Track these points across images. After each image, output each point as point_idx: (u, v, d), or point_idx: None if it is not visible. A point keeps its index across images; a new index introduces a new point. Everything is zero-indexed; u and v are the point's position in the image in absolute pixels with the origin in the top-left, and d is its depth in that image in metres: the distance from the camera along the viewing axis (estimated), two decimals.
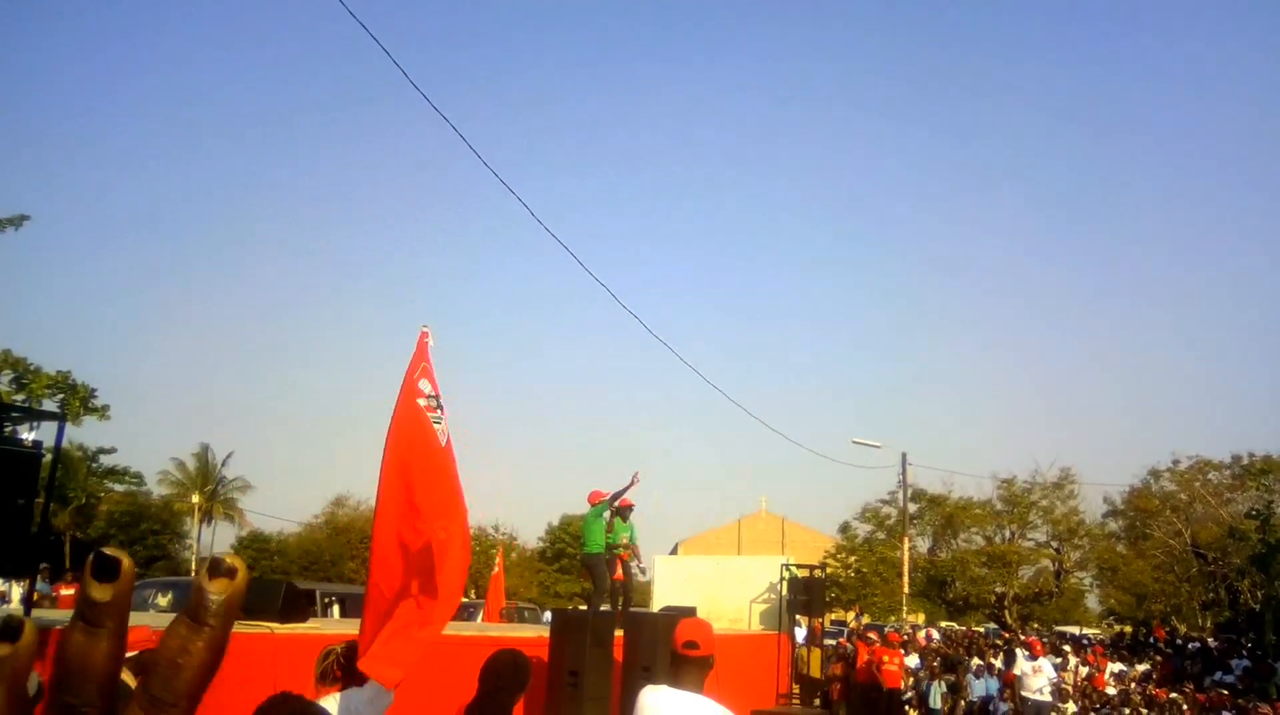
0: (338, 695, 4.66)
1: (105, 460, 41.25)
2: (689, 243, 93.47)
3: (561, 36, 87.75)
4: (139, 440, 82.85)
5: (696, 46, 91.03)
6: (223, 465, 49.19)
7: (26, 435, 5.77)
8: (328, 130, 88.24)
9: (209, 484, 48.25)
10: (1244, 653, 26.56)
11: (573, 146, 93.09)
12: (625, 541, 12.46)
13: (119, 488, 44.45)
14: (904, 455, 31.99)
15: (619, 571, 12.78)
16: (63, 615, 7.62)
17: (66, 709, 0.40)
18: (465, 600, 29.08)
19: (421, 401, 6.27)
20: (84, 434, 37.27)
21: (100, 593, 0.41)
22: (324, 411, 77.04)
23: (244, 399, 79.60)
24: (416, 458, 6.07)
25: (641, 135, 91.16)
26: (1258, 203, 68.56)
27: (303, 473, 77.11)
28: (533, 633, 12.05)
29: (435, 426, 6.20)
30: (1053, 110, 79.50)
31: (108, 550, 0.42)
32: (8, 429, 5.87)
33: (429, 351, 6.52)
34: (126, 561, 0.41)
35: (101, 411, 19.94)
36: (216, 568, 0.42)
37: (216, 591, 0.42)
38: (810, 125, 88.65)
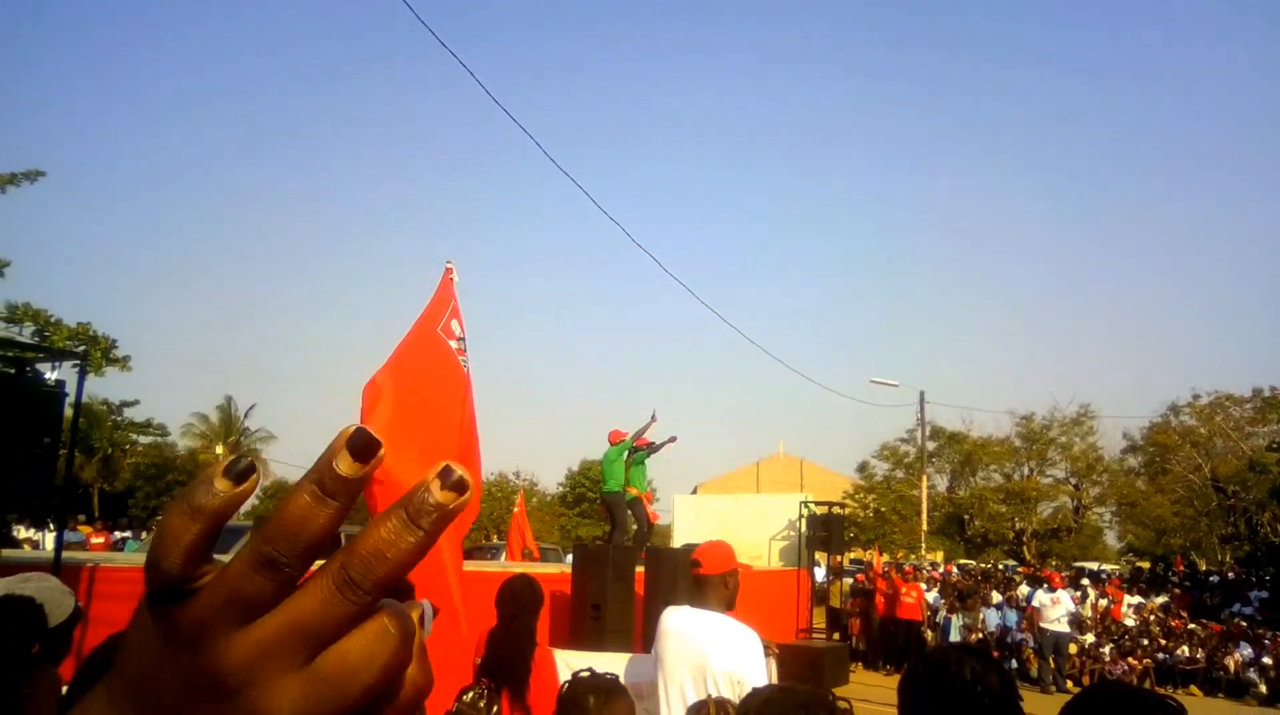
0: None
1: (129, 413, 41.69)
2: (706, 185, 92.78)
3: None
4: (162, 393, 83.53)
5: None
6: (245, 416, 49.77)
7: (50, 374, 5.81)
8: (357, 78, 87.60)
9: (232, 435, 48.79)
10: (1263, 585, 26.66)
11: (586, 82, 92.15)
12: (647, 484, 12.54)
13: (144, 440, 44.96)
14: (922, 393, 31.95)
15: (652, 514, 12.92)
16: (95, 556, 7.76)
17: (266, 559, 0.41)
18: (487, 543, 29.47)
19: (454, 343, 6.26)
20: (107, 387, 37.53)
21: (348, 468, 0.41)
22: (345, 360, 77.40)
23: (265, 350, 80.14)
24: (445, 398, 6.07)
25: (653, 70, 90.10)
26: (1274, 133, 67.20)
27: (325, 422, 77.78)
28: (555, 569, 12.21)
29: (465, 369, 6.20)
30: (1064, 42, 77.93)
31: (369, 431, 0.41)
32: (28, 371, 5.91)
33: (455, 288, 6.46)
34: (383, 450, 0.41)
35: (123, 362, 20.14)
36: (448, 477, 0.42)
37: (444, 499, 0.42)
38: (835, 64, 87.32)
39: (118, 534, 27.07)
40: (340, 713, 0.42)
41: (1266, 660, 16.31)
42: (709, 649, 3.59)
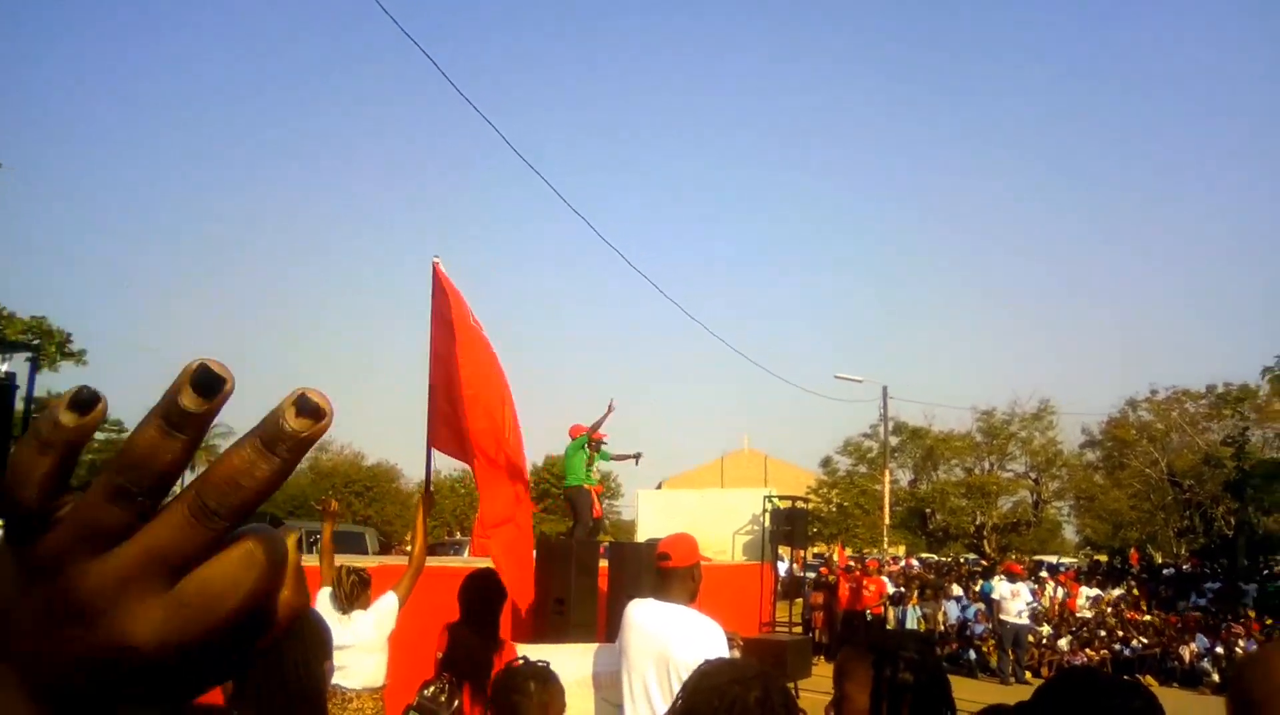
0: (357, 612, 4.91)
1: None
2: (672, 181, 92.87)
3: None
4: (119, 388, 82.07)
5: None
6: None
7: (0, 366, 5.68)
8: (324, 72, 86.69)
9: None
10: (1217, 576, 27.17)
11: (555, 82, 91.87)
12: (598, 477, 12.35)
13: (99, 436, 44.08)
14: (885, 388, 32.22)
15: (597, 508, 12.65)
16: None
17: (118, 489, 0.41)
18: (449, 539, 29.29)
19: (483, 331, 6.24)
20: (61, 381, 36.88)
21: (192, 403, 0.40)
22: (305, 354, 76.59)
23: (225, 346, 79.09)
24: (497, 385, 6.10)
25: (618, 72, 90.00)
26: (1232, 133, 68.46)
27: None
28: None
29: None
30: (1032, 43, 78.90)
31: (215, 366, 0.41)
32: None
33: (450, 280, 6.37)
34: (230, 385, 0.41)
35: (78, 357, 19.84)
36: (305, 405, 0.42)
37: (298, 427, 0.41)
38: (793, 65, 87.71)
39: None
40: (208, 636, 0.43)
41: (1219, 650, 16.61)
42: (672, 640, 3.58)
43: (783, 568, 17.99)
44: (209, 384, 0.41)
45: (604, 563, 10.29)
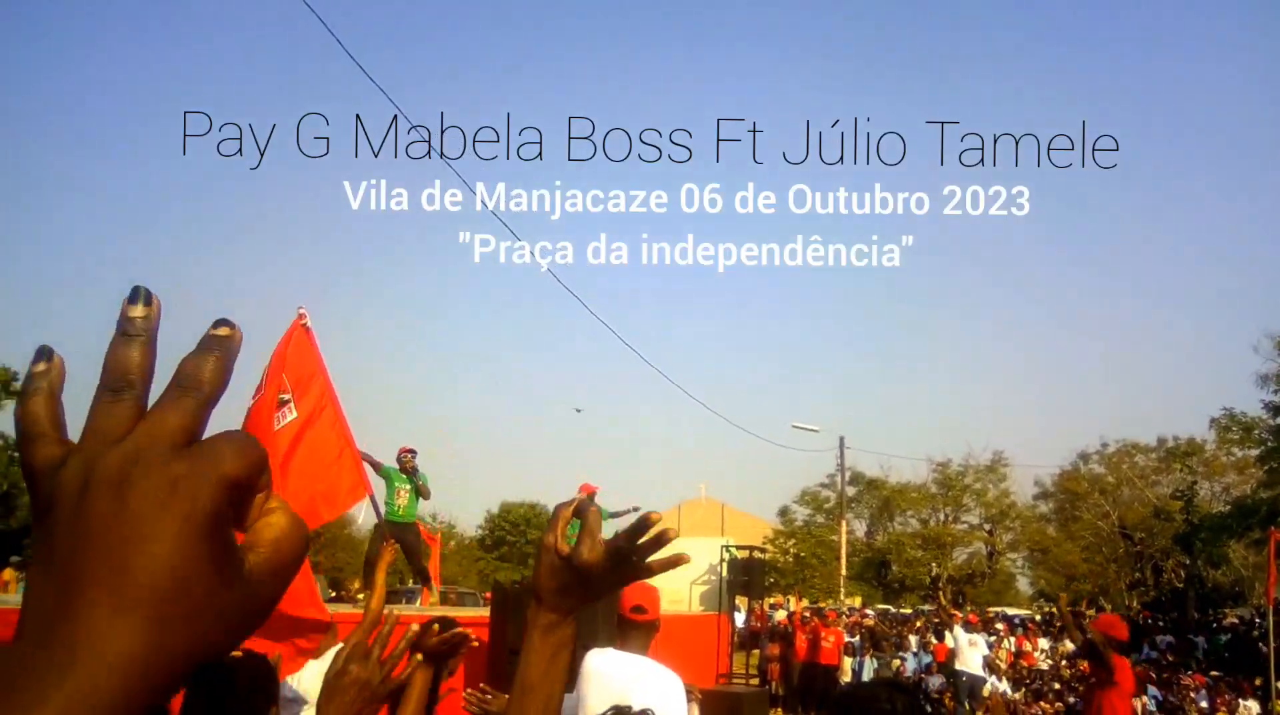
0: (310, 663, 4.78)
1: None
2: (628, 222, 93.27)
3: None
4: (72, 427, 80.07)
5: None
6: None
7: None
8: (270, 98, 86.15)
9: None
10: (1167, 629, 27.41)
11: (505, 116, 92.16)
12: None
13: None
14: (841, 439, 32.36)
15: None
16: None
17: (115, 387, 0.49)
18: (402, 587, 28.74)
19: (286, 396, 5.97)
20: (5, 420, 36.05)
21: (137, 312, 0.50)
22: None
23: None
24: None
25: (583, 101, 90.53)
26: (1178, 186, 70.45)
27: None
28: (473, 613, 11.93)
29: (278, 425, 5.88)
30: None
31: (139, 286, 0.52)
32: None
33: (309, 335, 6.15)
34: (156, 302, 0.51)
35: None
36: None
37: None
38: (760, 102, 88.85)
39: (10, 572, 25.56)
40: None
41: (1172, 701, 16.69)
42: (632, 692, 3.52)
43: (739, 618, 17.87)
44: (141, 295, 0.51)
45: None
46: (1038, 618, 31.81)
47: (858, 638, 20.22)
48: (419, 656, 1.97)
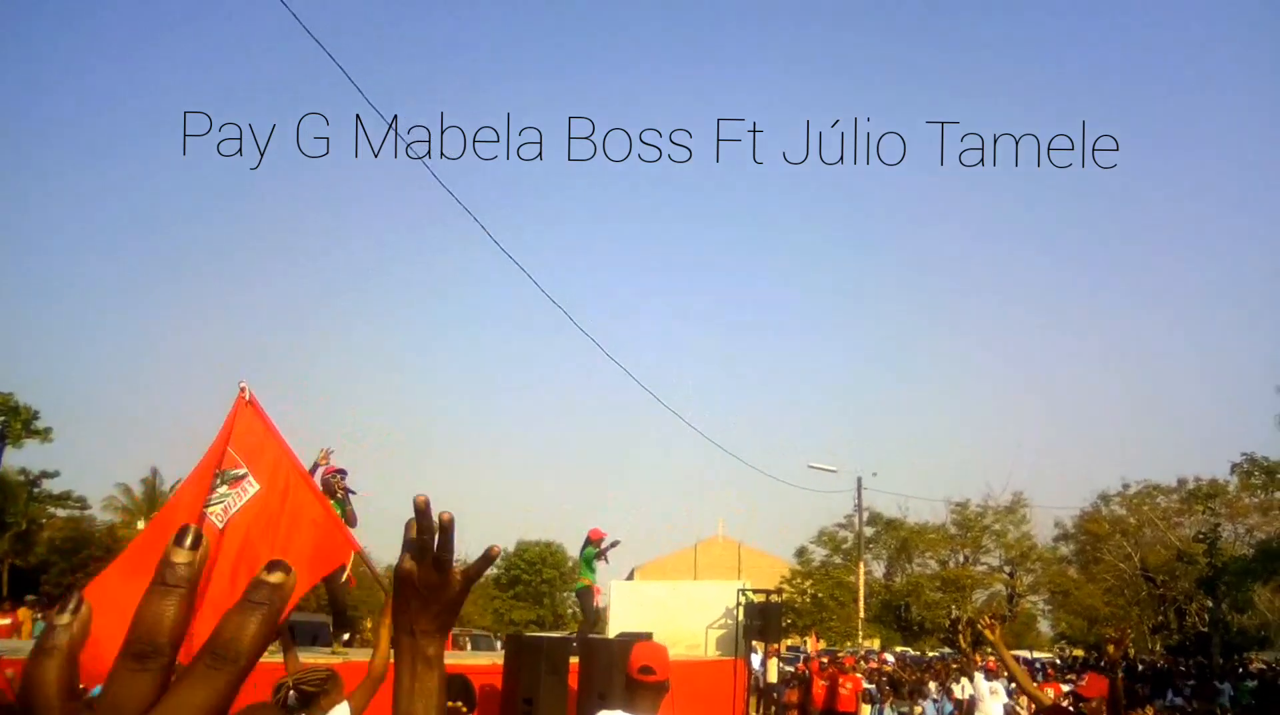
0: None
1: (49, 485, 40.21)
2: (645, 266, 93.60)
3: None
4: (85, 465, 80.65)
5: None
6: (171, 491, 48.24)
7: None
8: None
9: (155, 510, 47.19)
10: (1192, 674, 26.95)
11: (530, 167, 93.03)
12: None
13: (61, 513, 43.28)
14: (859, 479, 32.17)
15: (597, 600, 13.64)
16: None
17: (137, 653, 0.46)
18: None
19: (239, 471, 5.83)
20: (26, 457, 36.28)
21: (182, 557, 0.49)
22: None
23: (198, 422, 77.98)
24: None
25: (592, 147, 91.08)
26: (1200, 227, 70.19)
27: None
28: (486, 660, 11.88)
29: (210, 508, 5.71)
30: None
31: (189, 525, 0.51)
32: None
33: (254, 407, 6.04)
34: (206, 542, 0.50)
35: (44, 434, 19.53)
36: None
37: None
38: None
39: (25, 612, 25.50)
40: None
41: None
42: None
43: (756, 661, 17.70)
44: (194, 538, 0.49)
45: (574, 659, 10.07)
46: (1059, 661, 31.35)
47: (874, 686, 19.98)
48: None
